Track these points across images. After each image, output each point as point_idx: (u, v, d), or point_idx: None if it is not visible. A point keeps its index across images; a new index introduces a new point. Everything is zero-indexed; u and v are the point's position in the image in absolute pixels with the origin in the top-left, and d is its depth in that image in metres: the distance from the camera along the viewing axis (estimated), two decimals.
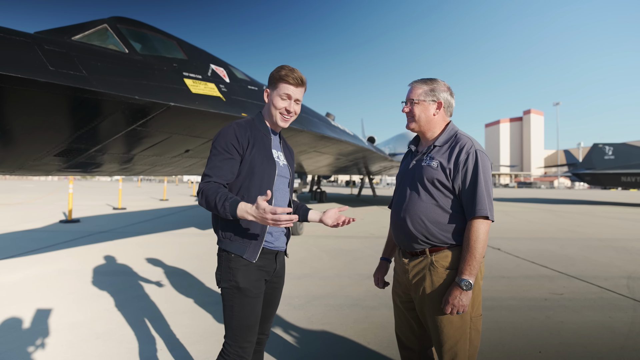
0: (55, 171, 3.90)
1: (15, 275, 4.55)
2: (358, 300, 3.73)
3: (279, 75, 1.62)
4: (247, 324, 1.55)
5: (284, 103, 1.63)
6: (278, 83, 1.62)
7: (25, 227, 8.57)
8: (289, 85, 1.62)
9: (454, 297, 1.47)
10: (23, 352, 2.58)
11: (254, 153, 1.58)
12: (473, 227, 1.49)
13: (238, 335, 1.54)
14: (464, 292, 1.46)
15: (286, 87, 1.62)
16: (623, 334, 2.94)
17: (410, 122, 1.70)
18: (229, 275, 1.55)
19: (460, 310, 1.47)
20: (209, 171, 1.52)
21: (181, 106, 3.18)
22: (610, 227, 9.86)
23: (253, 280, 1.55)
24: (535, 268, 5.13)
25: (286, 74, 1.61)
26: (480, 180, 1.52)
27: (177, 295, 3.85)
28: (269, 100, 1.67)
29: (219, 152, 1.54)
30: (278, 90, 1.63)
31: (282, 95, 1.62)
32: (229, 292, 1.55)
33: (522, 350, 2.64)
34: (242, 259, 1.55)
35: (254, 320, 1.56)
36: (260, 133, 1.66)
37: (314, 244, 6.90)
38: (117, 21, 3.60)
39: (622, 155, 21.35)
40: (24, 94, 2.34)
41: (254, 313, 1.56)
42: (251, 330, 1.56)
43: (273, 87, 1.65)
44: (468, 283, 1.46)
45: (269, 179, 1.61)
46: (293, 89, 1.62)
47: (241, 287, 1.53)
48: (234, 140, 1.55)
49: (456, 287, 1.48)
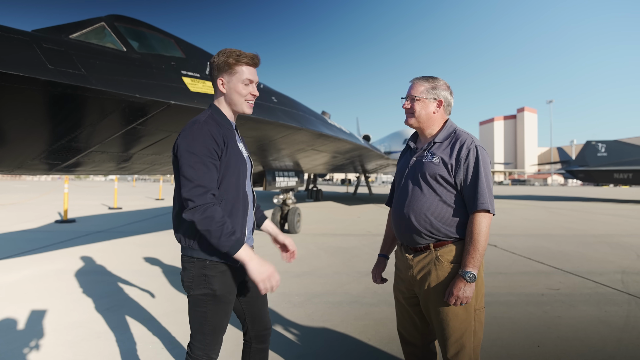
0: (54, 170, 3.87)
1: (13, 275, 4.52)
2: (357, 297, 3.76)
3: (234, 60, 1.49)
4: (220, 326, 1.52)
5: (248, 88, 1.53)
6: (235, 67, 1.50)
7: (21, 228, 8.49)
8: (250, 67, 1.52)
9: (458, 289, 1.50)
10: (23, 352, 2.58)
11: (229, 153, 1.48)
12: (475, 221, 1.53)
13: (210, 339, 1.50)
14: (468, 284, 1.50)
15: (248, 71, 1.51)
16: (619, 327, 3.00)
17: (410, 118, 1.72)
18: (203, 283, 1.46)
19: (464, 301, 1.51)
20: (202, 181, 1.34)
21: (181, 104, 3.17)
22: (603, 224, 9.99)
23: (230, 286, 1.51)
24: (532, 264, 5.19)
25: (244, 56, 1.50)
26: (481, 175, 1.56)
27: (176, 294, 3.84)
28: (228, 88, 1.53)
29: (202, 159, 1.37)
30: (239, 75, 1.50)
31: (244, 80, 1.51)
32: (202, 300, 1.47)
33: (520, 345, 2.69)
34: (219, 265, 1.46)
35: (226, 322, 1.55)
36: (226, 128, 1.52)
37: (311, 242, 6.93)
38: (114, 19, 3.57)
39: (615, 153, 21.58)
40: (24, 92, 2.32)
41: (227, 316, 1.54)
42: (222, 330, 1.55)
43: (230, 74, 1.51)
44: (472, 275, 1.50)
45: (243, 177, 1.55)
46: (253, 70, 1.53)
47: (217, 295, 1.47)
48: (214, 143, 1.41)
49: (460, 279, 1.51)
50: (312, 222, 9.86)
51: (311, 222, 9.84)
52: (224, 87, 1.53)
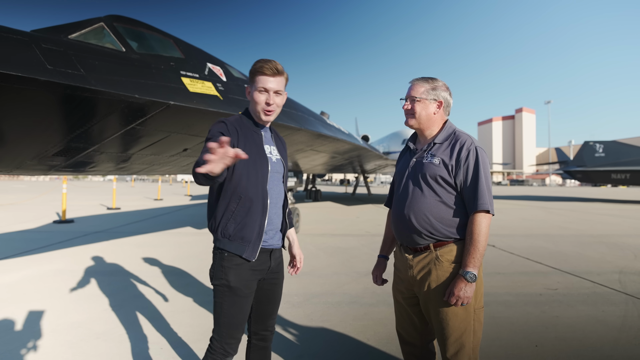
0: (54, 170, 3.87)
1: (11, 276, 4.51)
2: (356, 297, 3.76)
3: (254, 69, 1.60)
4: (234, 321, 1.58)
5: (263, 97, 1.60)
6: (254, 77, 1.60)
7: (19, 228, 8.47)
8: (265, 77, 1.59)
9: (459, 289, 1.51)
10: (22, 352, 2.57)
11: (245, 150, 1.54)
12: (476, 221, 1.54)
13: (225, 332, 1.58)
14: (469, 284, 1.51)
15: (262, 80, 1.59)
16: (616, 327, 3.01)
17: (411, 119, 1.73)
18: (221, 274, 1.57)
19: (465, 301, 1.52)
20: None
21: (180, 105, 3.18)
22: (601, 224, 10.02)
23: (244, 280, 1.57)
24: (530, 264, 5.20)
25: (260, 66, 1.58)
26: (481, 176, 1.57)
27: (175, 294, 3.84)
28: (250, 96, 1.65)
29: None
30: (256, 84, 1.60)
31: (259, 88, 1.59)
32: (220, 290, 1.57)
33: (519, 345, 2.70)
34: (235, 258, 1.56)
35: (241, 318, 1.60)
36: (250, 130, 1.64)
37: (310, 242, 6.93)
38: (113, 19, 3.57)
39: (613, 153, 21.66)
40: (24, 92, 2.32)
41: (242, 312, 1.60)
42: (238, 327, 1.60)
43: (251, 83, 1.63)
44: (473, 275, 1.51)
45: (263, 177, 1.61)
46: (270, 79, 1.59)
47: (232, 286, 1.55)
48: (224, 129, 1.55)
49: (461, 279, 1.53)
50: (311, 223, 9.87)
51: (310, 223, 9.84)
52: (249, 95, 1.67)
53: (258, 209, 1.58)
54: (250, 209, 1.57)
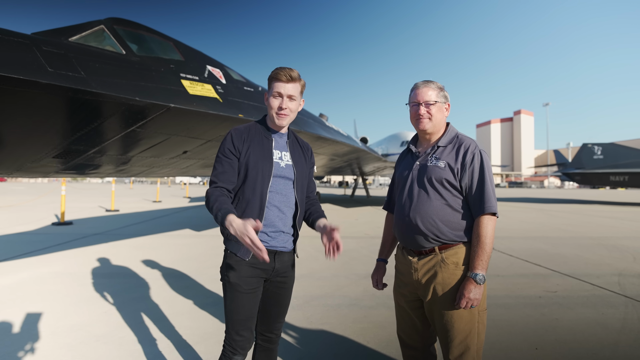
0: (54, 173, 3.87)
1: (10, 278, 4.49)
2: (356, 300, 3.76)
3: (271, 76, 1.68)
4: (236, 318, 1.63)
5: (277, 101, 1.67)
6: (271, 83, 1.68)
7: (18, 230, 8.45)
8: (280, 83, 1.65)
9: (469, 290, 1.52)
10: (21, 355, 2.56)
11: (249, 154, 1.64)
12: (482, 224, 1.56)
13: (230, 327, 1.64)
14: (478, 286, 1.53)
15: (277, 85, 1.65)
16: (616, 329, 3.01)
17: (427, 123, 1.69)
18: (224, 271, 1.66)
19: (474, 303, 1.53)
20: (214, 177, 1.62)
21: (180, 107, 3.18)
22: (600, 226, 10.04)
23: (243, 277, 1.62)
24: (529, 266, 5.21)
25: (276, 72, 1.65)
26: (486, 179, 1.60)
27: (175, 296, 3.84)
28: (267, 102, 1.72)
29: (220, 158, 1.65)
30: (271, 90, 1.67)
31: (274, 93, 1.66)
32: (224, 287, 1.67)
33: (518, 348, 2.70)
34: (235, 256, 1.63)
35: (244, 315, 1.63)
36: (260, 135, 1.71)
37: (309, 244, 6.92)
38: (113, 22, 3.58)
39: (611, 155, 21.75)
40: (24, 95, 2.32)
41: (244, 309, 1.63)
42: (242, 325, 1.63)
43: (268, 89, 1.70)
44: (482, 277, 1.53)
45: (263, 180, 1.63)
46: (283, 85, 1.65)
47: (231, 282, 1.62)
48: (231, 145, 1.65)
49: (470, 281, 1.54)
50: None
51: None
52: (266, 100, 1.72)
53: (254, 211, 1.62)
54: (245, 210, 1.62)
